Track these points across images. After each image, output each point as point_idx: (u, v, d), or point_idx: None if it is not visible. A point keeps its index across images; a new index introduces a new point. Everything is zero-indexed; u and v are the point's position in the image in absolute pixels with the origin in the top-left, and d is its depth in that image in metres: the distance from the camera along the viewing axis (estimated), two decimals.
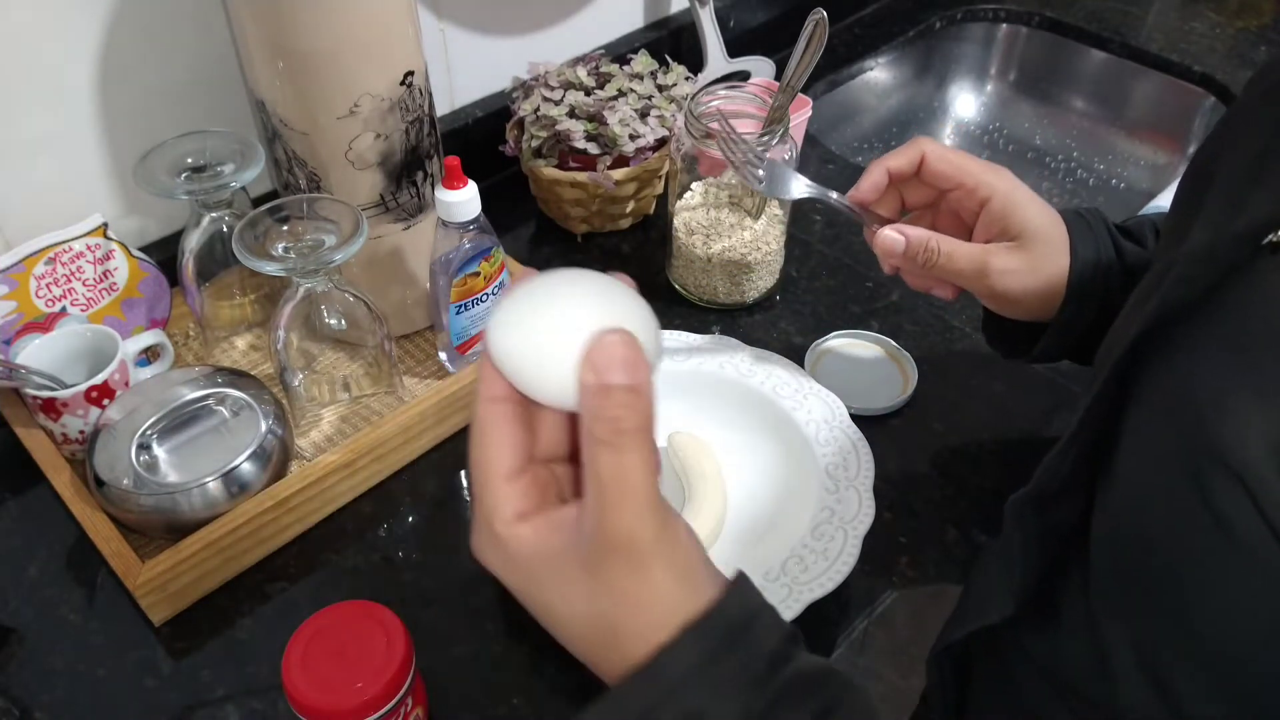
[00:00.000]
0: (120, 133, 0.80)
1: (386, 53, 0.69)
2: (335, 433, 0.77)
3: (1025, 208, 0.62)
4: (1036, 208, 0.62)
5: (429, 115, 0.75)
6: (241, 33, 0.69)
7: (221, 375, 0.73)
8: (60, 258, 0.77)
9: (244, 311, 0.85)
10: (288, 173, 0.74)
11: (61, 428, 0.71)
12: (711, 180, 0.87)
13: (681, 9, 1.14)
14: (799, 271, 0.92)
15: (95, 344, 0.74)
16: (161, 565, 0.64)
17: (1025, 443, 0.77)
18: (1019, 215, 0.62)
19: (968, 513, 0.72)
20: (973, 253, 0.62)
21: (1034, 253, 0.61)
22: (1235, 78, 1.20)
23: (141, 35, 0.77)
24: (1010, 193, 0.62)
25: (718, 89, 0.83)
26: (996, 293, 0.62)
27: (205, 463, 0.67)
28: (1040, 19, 1.34)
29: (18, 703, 0.62)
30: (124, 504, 0.66)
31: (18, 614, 0.67)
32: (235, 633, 0.66)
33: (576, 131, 0.89)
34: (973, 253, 0.62)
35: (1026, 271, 0.61)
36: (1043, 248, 0.61)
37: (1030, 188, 0.64)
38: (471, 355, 0.80)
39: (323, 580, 0.69)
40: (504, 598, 0.67)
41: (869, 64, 1.29)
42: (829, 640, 0.64)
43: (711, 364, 0.77)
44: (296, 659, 0.54)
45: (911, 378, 0.81)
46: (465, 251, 0.74)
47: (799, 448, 0.72)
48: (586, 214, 0.95)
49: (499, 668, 0.64)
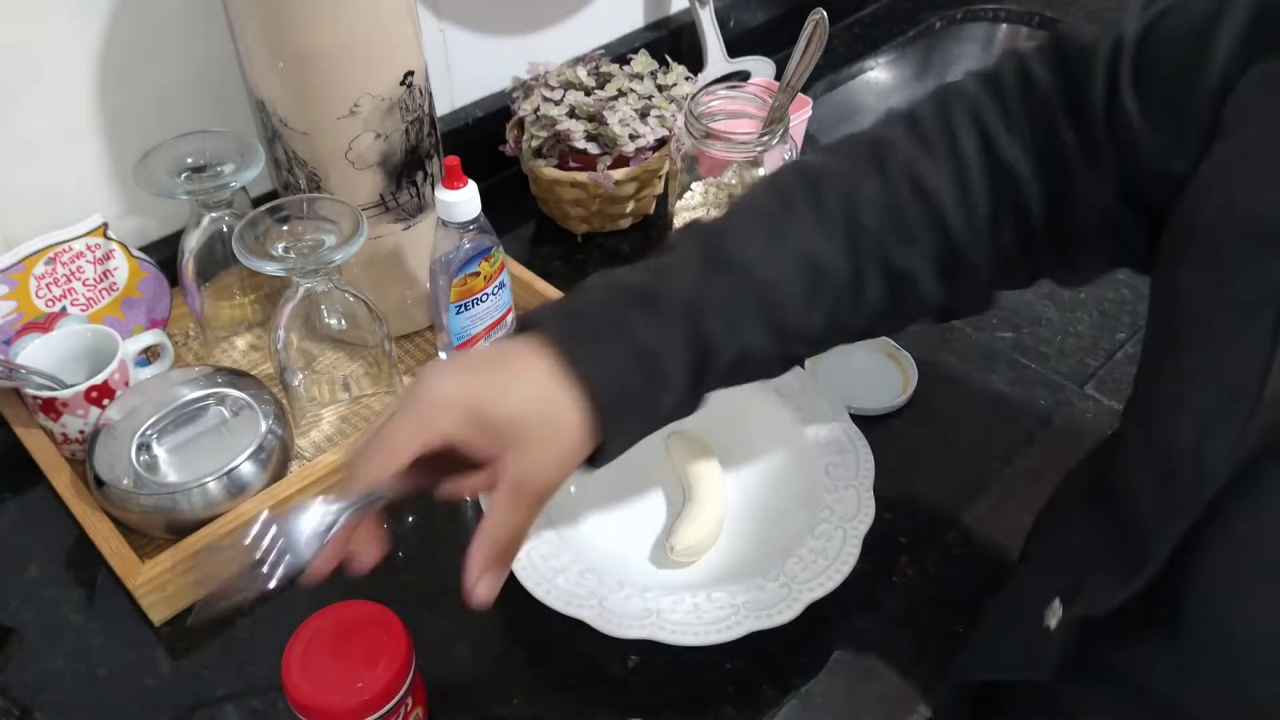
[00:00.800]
0: (120, 133, 0.80)
1: (386, 53, 0.69)
2: (335, 433, 0.77)
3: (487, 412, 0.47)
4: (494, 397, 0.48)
5: (429, 115, 0.75)
6: (241, 33, 0.69)
7: (221, 375, 0.73)
8: (60, 258, 0.77)
9: (244, 311, 0.85)
10: (288, 173, 0.74)
11: (61, 428, 0.71)
12: (711, 180, 0.87)
13: (681, 9, 1.14)
14: None
15: (95, 344, 0.74)
16: (161, 565, 0.64)
17: (1025, 443, 0.77)
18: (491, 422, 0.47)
19: (968, 513, 0.72)
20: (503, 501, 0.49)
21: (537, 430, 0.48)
22: None
23: (141, 35, 0.77)
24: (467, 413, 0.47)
25: (718, 89, 0.83)
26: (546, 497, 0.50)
27: (205, 463, 0.67)
28: (1040, 19, 1.34)
29: (18, 703, 0.62)
30: (124, 504, 0.66)
31: (18, 614, 0.67)
32: (235, 633, 0.66)
33: (576, 131, 0.89)
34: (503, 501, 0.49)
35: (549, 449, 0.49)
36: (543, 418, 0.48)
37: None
38: None
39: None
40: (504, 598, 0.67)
41: (869, 64, 1.29)
42: (829, 640, 0.64)
43: None
44: (296, 659, 0.54)
45: (911, 378, 0.81)
46: (465, 251, 0.74)
47: (799, 447, 0.72)
48: (586, 214, 0.95)
49: (499, 668, 0.64)
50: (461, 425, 0.47)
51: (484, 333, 0.79)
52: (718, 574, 0.66)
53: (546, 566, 0.63)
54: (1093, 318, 0.87)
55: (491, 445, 0.48)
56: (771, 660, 0.63)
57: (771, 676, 0.62)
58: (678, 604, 0.62)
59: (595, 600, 0.62)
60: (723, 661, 0.63)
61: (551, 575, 0.63)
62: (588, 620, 0.60)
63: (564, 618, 0.61)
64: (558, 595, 0.62)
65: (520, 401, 0.48)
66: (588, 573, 0.63)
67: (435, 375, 0.48)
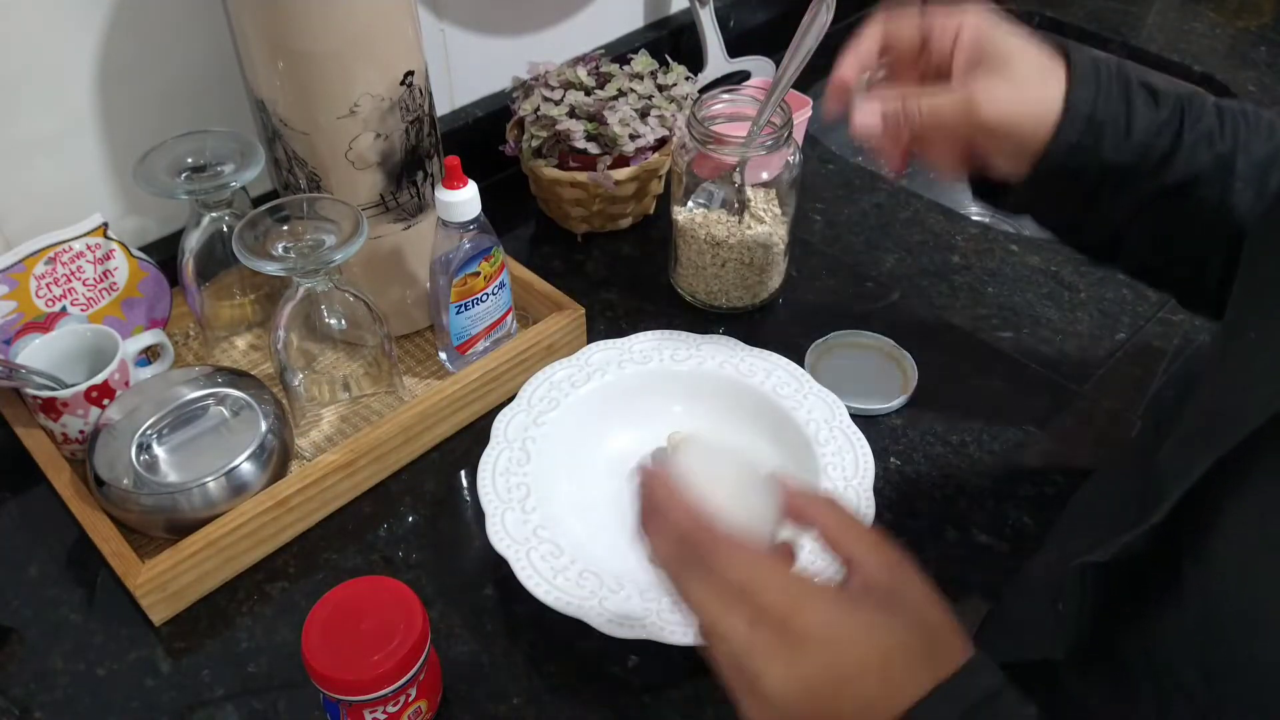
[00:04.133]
0: (120, 133, 0.80)
1: (386, 53, 0.69)
2: (335, 433, 0.77)
3: (997, 31, 0.58)
4: (1012, 33, 0.58)
5: (429, 115, 0.75)
6: (241, 33, 0.69)
7: (221, 375, 0.73)
8: (60, 257, 0.77)
9: (244, 311, 0.85)
10: (288, 173, 0.74)
11: (61, 428, 0.72)
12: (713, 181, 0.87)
13: (681, 9, 1.14)
14: (799, 271, 0.92)
15: (95, 344, 0.74)
16: (161, 565, 0.64)
17: (1025, 443, 0.77)
18: (993, 40, 0.58)
19: (968, 513, 0.72)
20: (953, 94, 0.58)
21: (1017, 73, 0.57)
22: (1235, 78, 1.20)
23: (141, 35, 0.77)
24: (979, 20, 0.59)
25: (719, 92, 0.83)
26: (989, 124, 0.57)
27: (205, 463, 0.67)
28: (1040, 19, 1.34)
29: (18, 703, 0.62)
30: (124, 504, 0.66)
31: (18, 614, 0.67)
32: (235, 633, 0.66)
33: (576, 131, 0.89)
34: (953, 94, 0.58)
35: (1013, 96, 0.57)
36: (1026, 67, 0.57)
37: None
38: (472, 355, 0.80)
39: (323, 580, 0.69)
40: (504, 598, 0.67)
41: None
42: None
43: (711, 364, 0.77)
44: (318, 625, 0.55)
45: (912, 378, 0.81)
46: (465, 251, 0.74)
47: (799, 448, 0.72)
48: (586, 214, 0.95)
49: (499, 668, 0.64)
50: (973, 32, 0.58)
51: (484, 333, 0.79)
52: None
53: (546, 566, 0.63)
54: (1093, 318, 0.87)
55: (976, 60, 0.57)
56: None
57: None
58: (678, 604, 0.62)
59: (595, 600, 0.62)
60: None
61: (551, 575, 0.63)
62: (588, 620, 0.60)
63: (564, 618, 0.61)
64: (558, 595, 0.62)
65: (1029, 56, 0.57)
66: (587, 573, 0.63)
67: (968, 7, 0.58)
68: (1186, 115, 0.58)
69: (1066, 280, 0.91)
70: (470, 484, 0.75)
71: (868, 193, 1.03)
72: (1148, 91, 0.58)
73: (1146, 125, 0.57)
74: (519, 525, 0.66)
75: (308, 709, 0.61)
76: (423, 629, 0.56)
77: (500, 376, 0.79)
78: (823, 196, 1.02)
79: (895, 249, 0.95)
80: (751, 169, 0.83)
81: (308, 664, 0.54)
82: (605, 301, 0.90)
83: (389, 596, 0.57)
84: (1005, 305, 0.89)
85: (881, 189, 1.03)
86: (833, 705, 0.42)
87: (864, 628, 0.42)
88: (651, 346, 0.78)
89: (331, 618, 0.55)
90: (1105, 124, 0.57)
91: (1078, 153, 0.57)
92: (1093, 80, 0.57)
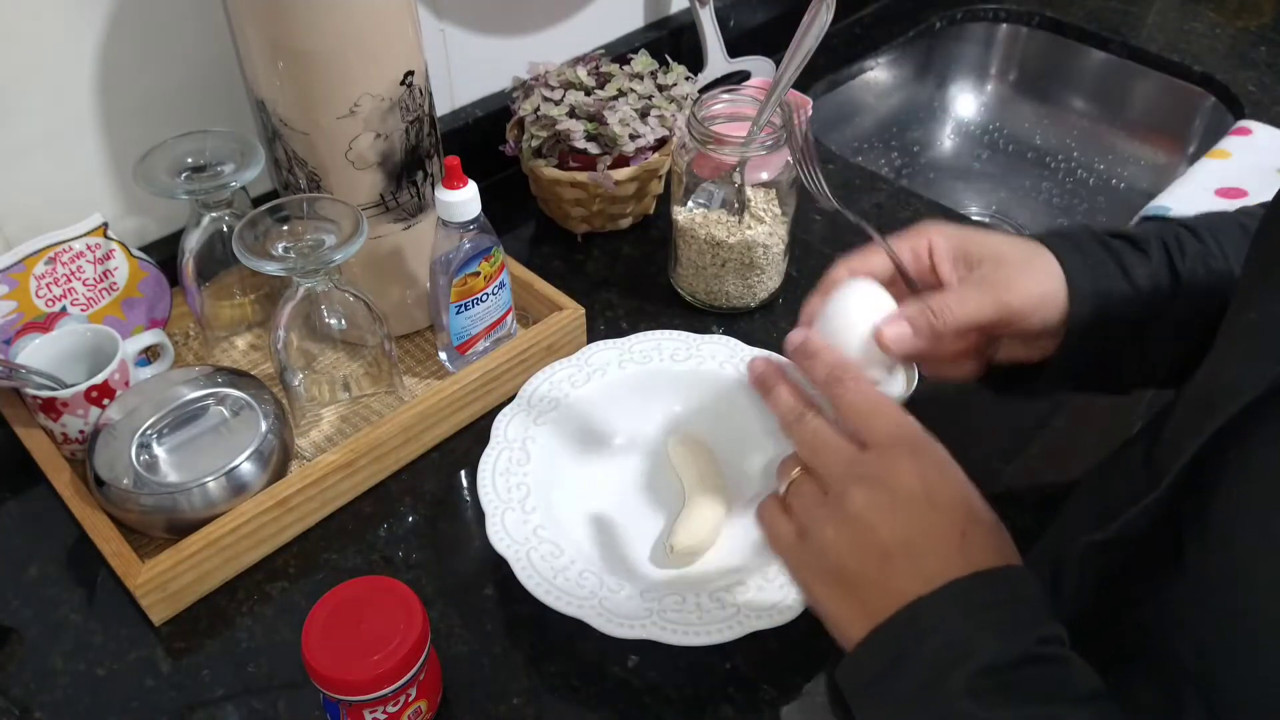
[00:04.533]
0: (120, 133, 0.80)
1: (386, 53, 0.69)
2: (335, 433, 0.77)
3: (969, 233, 0.60)
4: (981, 231, 0.60)
5: (429, 115, 0.75)
6: (241, 33, 0.69)
7: (221, 375, 0.73)
8: (60, 257, 0.77)
9: (244, 311, 0.85)
10: (288, 173, 0.74)
11: (61, 428, 0.72)
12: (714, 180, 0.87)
13: (681, 9, 1.14)
14: (799, 271, 0.92)
15: (95, 344, 0.74)
16: (161, 565, 0.64)
17: (1025, 443, 0.77)
18: (973, 241, 0.59)
19: None
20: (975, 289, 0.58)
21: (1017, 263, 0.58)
22: (1235, 78, 1.20)
23: (141, 35, 0.77)
24: (946, 229, 0.60)
25: (719, 92, 0.83)
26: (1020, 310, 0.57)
27: (205, 463, 0.67)
28: (1040, 19, 1.34)
29: (18, 703, 0.62)
30: (124, 504, 0.66)
31: (18, 614, 0.67)
32: (235, 633, 0.66)
33: (576, 131, 0.89)
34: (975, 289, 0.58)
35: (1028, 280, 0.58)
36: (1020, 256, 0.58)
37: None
38: (472, 355, 0.80)
39: (323, 580, 0.69)
40: (504, 598, 0.67)
41: (869, 64, 1.29)
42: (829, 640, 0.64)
43: (711, 364, 0.77)
44: (318, 625, 0.55)
45: (912, 378, 0.80)
46: (465, 251, 0.74)
47: None
48: (587, 214, 0.95)
49: (499, 668, 0.64)
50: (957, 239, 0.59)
51: (484, 333, 0.79)
52: (717, 574, 0.66)
53: (546, 566, 0.63)
54: None
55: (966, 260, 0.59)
56: (771, 660, 0.63)
57: (771, 676, 0.62)
58: (678, 604, 0.62)
59: (595, 600, 0.62)
60: (723, 661, 0.63)
61: (552, 575, 0.63)
62: (588, 620, 0.60)
63: (564, 618, 0.61)
64: (558, 595, 0.62)
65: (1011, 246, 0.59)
66: (588, 573, 0.63)
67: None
68: (1171, 249, 0.59)
69: None
70: (470, 484, 0.75)
71: (868, 193, 1.03)
72: (1126, 242, 0.60)
73: (1143, 272, 0.58)
74: (519, 525, 0.66)
75: (308, 709, 0.61)
76: (423, 629, 0.56)
77: (500, 376, 0.79)
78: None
79: None
80: (751, 169, 0.83)
81: (308, 664, 0.54)
82: (605, 301, 0.90)
83: (389, 596, 0.57)
84: None
85: (881, 189, 1.03)
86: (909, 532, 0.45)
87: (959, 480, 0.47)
88: (651, 346, 0.78)
89: (331, 618, 0.55)
90: (1110, 285, 0.58)
91: (1095, 318, 0.57)
92: (1075, 249, 0.59)
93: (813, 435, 0.49)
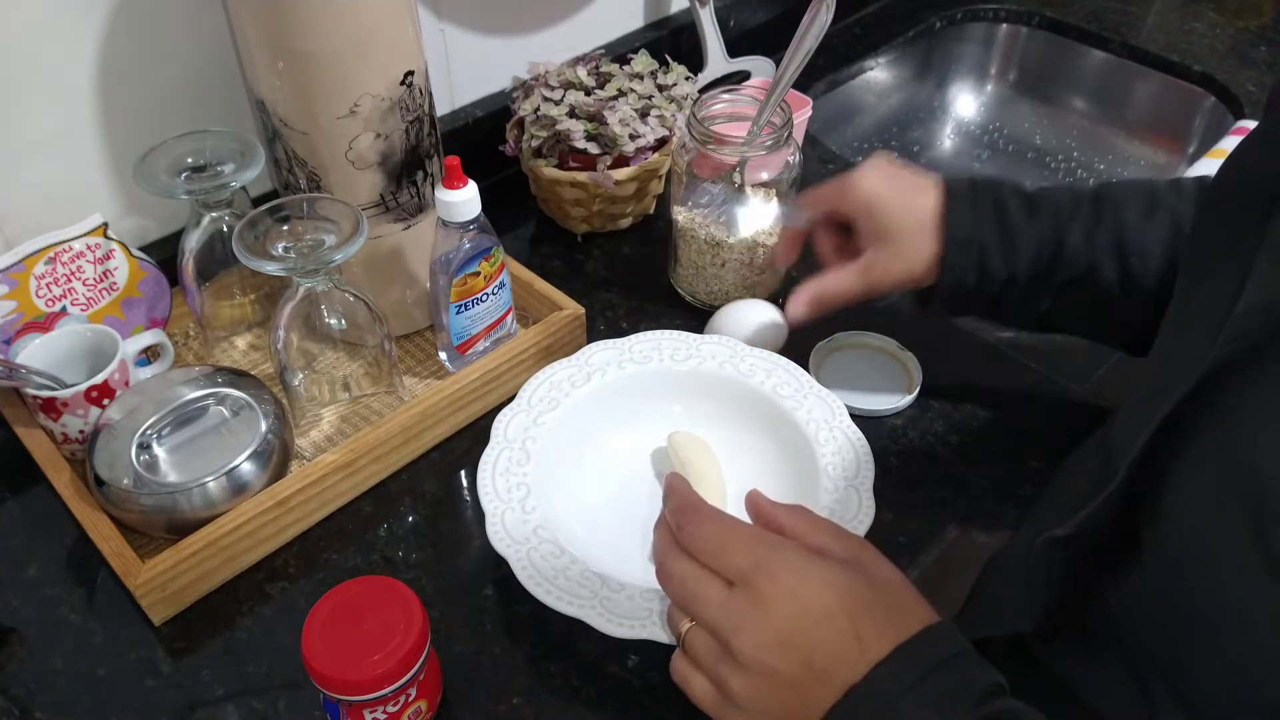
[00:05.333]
0: (120, 133, 0.80)
1: (386, 53, 0.69)
2: (335, 433, 0.77)
3: (884, 214, 0.69)
4: (895, 207, 0.69)
5: (429, 115, 0.75)
6: (241, 33, 0.69)
7: (221, 375, 0.73)
8: (60, 257, 0.77)
9: (244, 311, 0.85)
10: (288, 173, 0.74)
11: (61, 428, 0.72)
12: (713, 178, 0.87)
13: (681, 9, 1.14)
14: (800, 272, 0.92)
15: (95, 344, 0.74)
16: (161, 565, 0.64)
17: (1025, 443, 0.77)
18: (881, 221, 0.69)
19: (968, 513, 0.72)
20: (851, 272, 0.71)
21: (903, 245, 0.68)
22: (1235, 78, 1.20)
23: (141, 35, 0.77)
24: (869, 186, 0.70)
25: (719, 92, 0.83)
26: (886, 291, 0.71)
27: (205, 463, 0.67)
28: (1040, 19, 1.34)
29: (18, 702, 0.62)
30: (124, 504, 0.66)
31: (18, 614, 0.67)
32: (235, 633, 0.66)
33: (576, 131, 0.89)
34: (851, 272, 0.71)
35: (901, 265, 0.69)
36: (910, 241, 0.68)
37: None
38: (472, 355, 0.80)
39: (323, 580, 0.69)
40: (504, 598, 0.67)
41: (869, 64, 1.29)
42: None
43: (711, 364, 0.77)
44: (317, 626, 0.55)
45: (916, 378, 0.81)
46: (465, 251, 0.74)
47: (799, 448, 0.72)
48: (587, 214, 0.95)
49: (499, 668, 0.64)
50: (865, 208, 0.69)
51: (484, 332, 0.79)
52: None
53: (547, 566, 0.63)
54: None
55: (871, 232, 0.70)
56: None
57: None
58: None
59: (595, 600, 0.62)
60: None
61: (552, 575, 0.63)
62: (588, 620, 0.60)
63: (564, 618, 0.61)
64: (558, 595, 0.62)
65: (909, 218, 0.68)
66: (588, 573, 0.63)
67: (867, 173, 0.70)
68: (1060, 215, 0.67)
69: None
70: (470, 484, 0.75)
71: None
72: (1023, 200, 0.68)
73: (1025, 235, 0.67)
74: (519, 525, 0.66)
75: (308, 709, 0.61)
76: (423, 629, 0.56)
77: (500, 376, 0.79)
78: None
79: None
80: (751, 169, 0.83)
81: (308, 664, 0.54)
82: (605, 301, 0.90)
83: (389, 596, 0.57)
84: None
85: None
86: (804, 656, 0.44)
87: (824, 579, 0.46)
88: (651, 346, 0.78)
89: (331, 618, 0.55)
90: (985, 244, 0.67)
91: (968, 273, 0.68)
92: (966, 206, 0.68)
93: (680, 586, 0.50)
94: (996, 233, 0.67)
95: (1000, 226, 0.67)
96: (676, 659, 0.50)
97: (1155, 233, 0.65)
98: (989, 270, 0.67)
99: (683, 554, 0.50)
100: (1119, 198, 0.67)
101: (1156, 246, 0.65)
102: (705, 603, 0.48)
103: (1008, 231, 0.67)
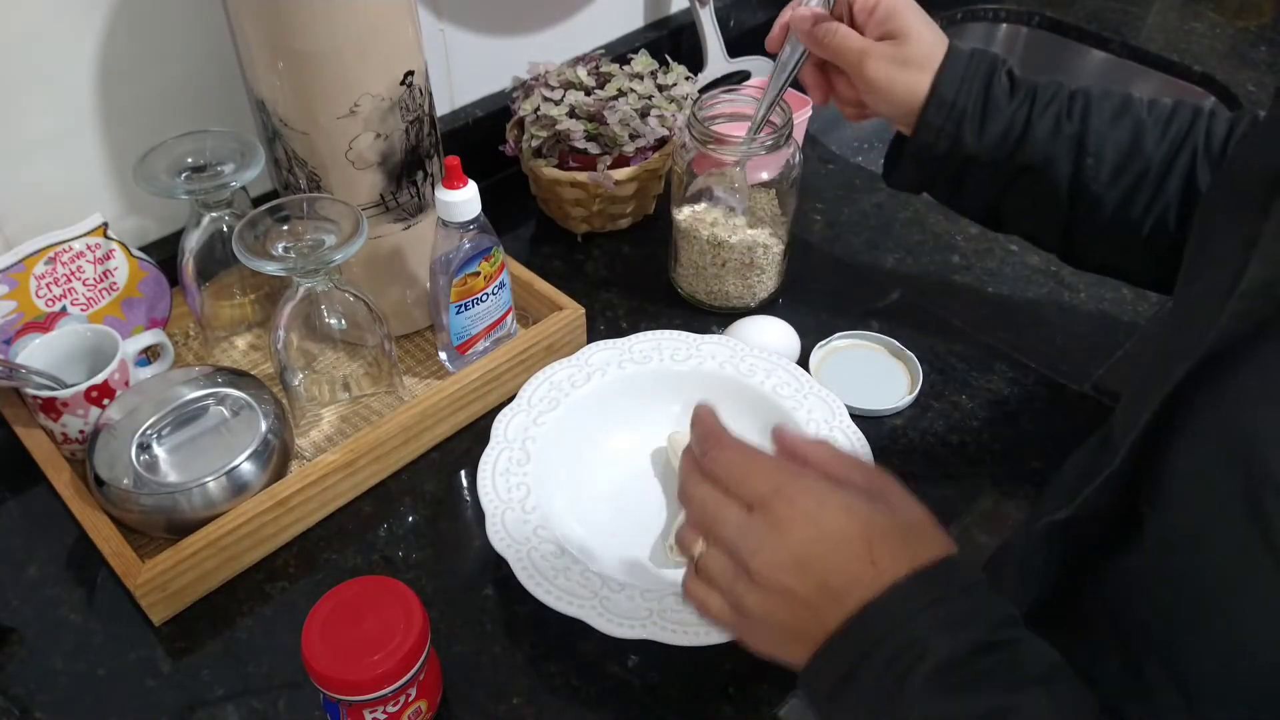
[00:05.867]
0: (120, 133, 0.80)
1: (386, 53, 0.69)
2: (335, 433, 0.77)
3: (905, 14, 0.70)
4: (918, 18, 0.70)
5: (429, 115, 0.75)
6: (241, 33, 0.69)
7: (221, 375, 0.73)
8: (60, 257, 0.77)
9: (244, 311, 0.85)
10: (288, 173, 0.74)
11: (61, 428, 0.72)
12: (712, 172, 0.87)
13: (681, 9, 1.14)
14: (800, 272, 0.92)
15: (95, 344, 0.74)
16: (161, 565, 0.64)
17: (1025, 443, 0.77)
18: (900, 19, 0.70)
19: (967, 513, 0.72)
20: (859, 39, 0.71)
21: (905, 50, 0.69)
22: (1235, 78, 1.20)
23: (141, 35, 0.77)
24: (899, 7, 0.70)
25: (719, 92, 0.83)
26: (867, 77, 0.70)
27: (205, 463, 0.67)
28: (1040, 19, 1.34)
29: (18, 702, 0.62)
30: (124, 504, 0.66)
31: (18, 614, 0.67)
32: (235, 633, 0.66)
33: (576, 131, 0.89)
34: (859, 39, 0.71)
35: (896, 65, 0.69)
36: (914, 49, 0.69)
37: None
38: (472, 355, 0.80)
39: (323, 580, 0.69)
40: (504, 598, 0.67)
41: None
42: None
43: (711, 364, 0.77)
44: (318, 625, 0.55)
45: (917, 377, 0.81)
46: (465, 251, 0.74)
47: None
48: (587, 214, 0.95)
49: (499, 668, 0.64)
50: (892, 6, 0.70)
51: (484, 332, 0.79)
52: None
53: (547, 566, 0.63)
54: (1093, 318, 0.87)
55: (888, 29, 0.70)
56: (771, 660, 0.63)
57: (771, 676, 0.62)
58: (678, 604, 0.62)
59: (595, 600, 0.62)
60: (723, 661, 0.63)
61: (552, 575, 0.63)
62: (588, 620, 0.60)
63: (564, 618, 0.61)
64: (558, 595, 0.62)
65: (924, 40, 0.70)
66: (588, 573, 0.63)
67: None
68: (1037, 101, 0.68)
69: (1066, 280, 0.91)
70: (470, 484, 0.75)
71: (868, 193, 1.03)
72: (1009, 81, 0.69)
73: (1002, 112, 0.68)
74: (519, 525, 0.66)
75: (308, 709, 0.61)
76: (423, 629, 0.56)
77: (500, 376, 0.79)
78: (823, 196, 1.02)
79: (895, 249, 0.95)
80: (751, 169, 0.83)
81: (308, 664, 0.54)
82: (605, 301, 0.90)
83: (389, 596, 0.57)
84: (1005, 305, 0.89)
85: (881, 189, 1.03)
86: (820, 578, 0.45)
87: (844, 505, 0.47)
88: (651, 346, 0.78)
89: (331, 618, 0.55)
90: (965, 110, 0.68)
91: (942, 135, 0.69)
92: (961, 69, 0.68)
93: (700, 509, 0.50)
94: (977, 104, 0.68)
95: (983, 99, 0.68)
96: (690, 581, 0.50)
97: (1115, 137, 0.67)
98: (961, 139, 0.68)
99: (704, 478, 0.50)
100: (1094, 99, 0.69)
101: (1112, 151, 0.67)
102: (724, 524, 0.48)
103: (987, 104, 0.68)
